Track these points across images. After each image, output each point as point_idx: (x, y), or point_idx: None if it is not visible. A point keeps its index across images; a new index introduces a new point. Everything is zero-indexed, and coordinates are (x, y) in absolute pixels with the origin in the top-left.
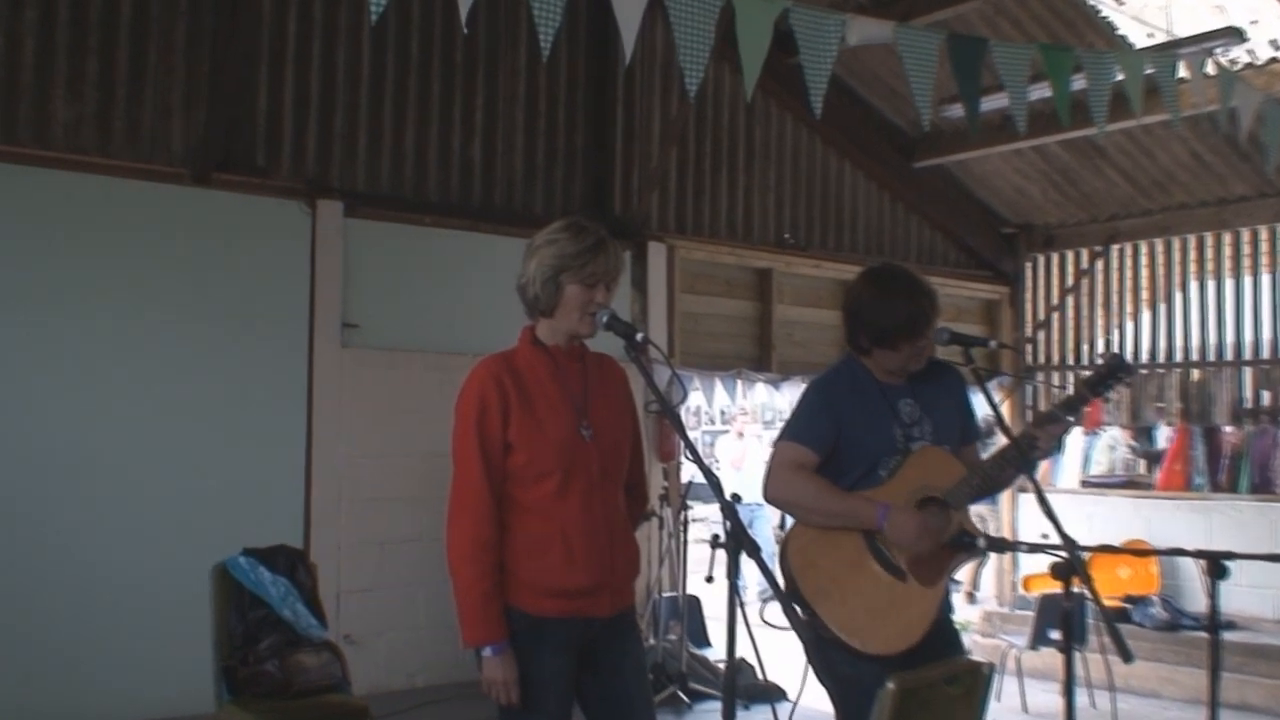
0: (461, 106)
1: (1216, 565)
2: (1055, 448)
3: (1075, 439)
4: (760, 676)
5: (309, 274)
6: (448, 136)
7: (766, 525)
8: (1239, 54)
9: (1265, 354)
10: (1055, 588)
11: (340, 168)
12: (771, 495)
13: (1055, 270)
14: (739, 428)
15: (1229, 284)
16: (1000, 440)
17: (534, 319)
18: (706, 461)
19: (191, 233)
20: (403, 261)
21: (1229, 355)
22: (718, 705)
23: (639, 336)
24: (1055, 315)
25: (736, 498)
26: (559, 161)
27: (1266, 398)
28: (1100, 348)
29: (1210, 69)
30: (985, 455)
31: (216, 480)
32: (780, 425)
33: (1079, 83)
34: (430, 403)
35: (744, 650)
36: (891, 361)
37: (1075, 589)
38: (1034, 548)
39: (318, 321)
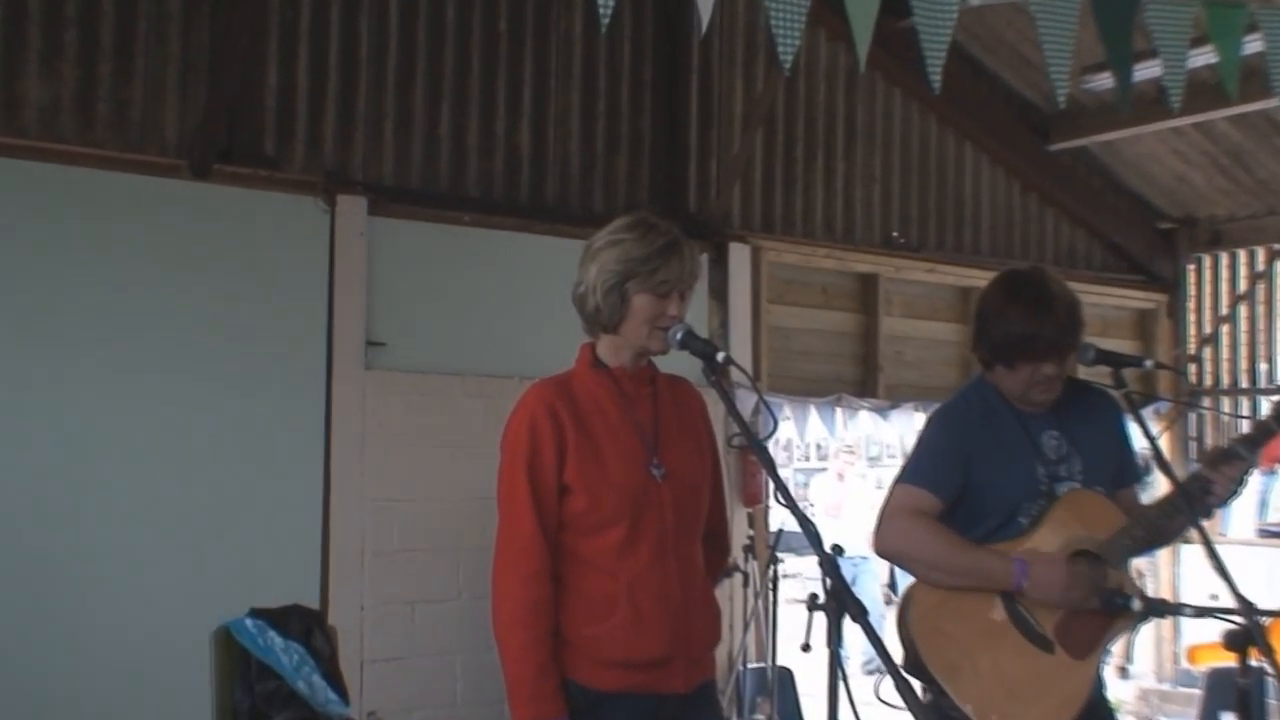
0: (507, 84)
1: None
2: (1233, 492)
3: (1251, 479)
4: None
5: (327, 283)
6: (490, 120)
7: (874, 583)
8: None
9: None
10: (1228, 660)
11: (364, 157)
12: (885, 547)
13: (1224, 274)
14: (838, 466)
15: None
16: (1159, 479)
17: (594, 335)
18: (801, 506)
19: (188, 235)
20: (438, 268)
21: None
22: None
23: (719, 356)
24: (1224, 328)
25: (838, 549)
26: (622, 148)
27: None
28: None
29: None
30: (1146, 499)
31: (218, 527)
32: (887, 461)
33: (1252, 45)
34: (471, 436)
35: None
36: (1011, 384)
37: (1253, 662)
38: (1201, 611)
39: (337, 339)
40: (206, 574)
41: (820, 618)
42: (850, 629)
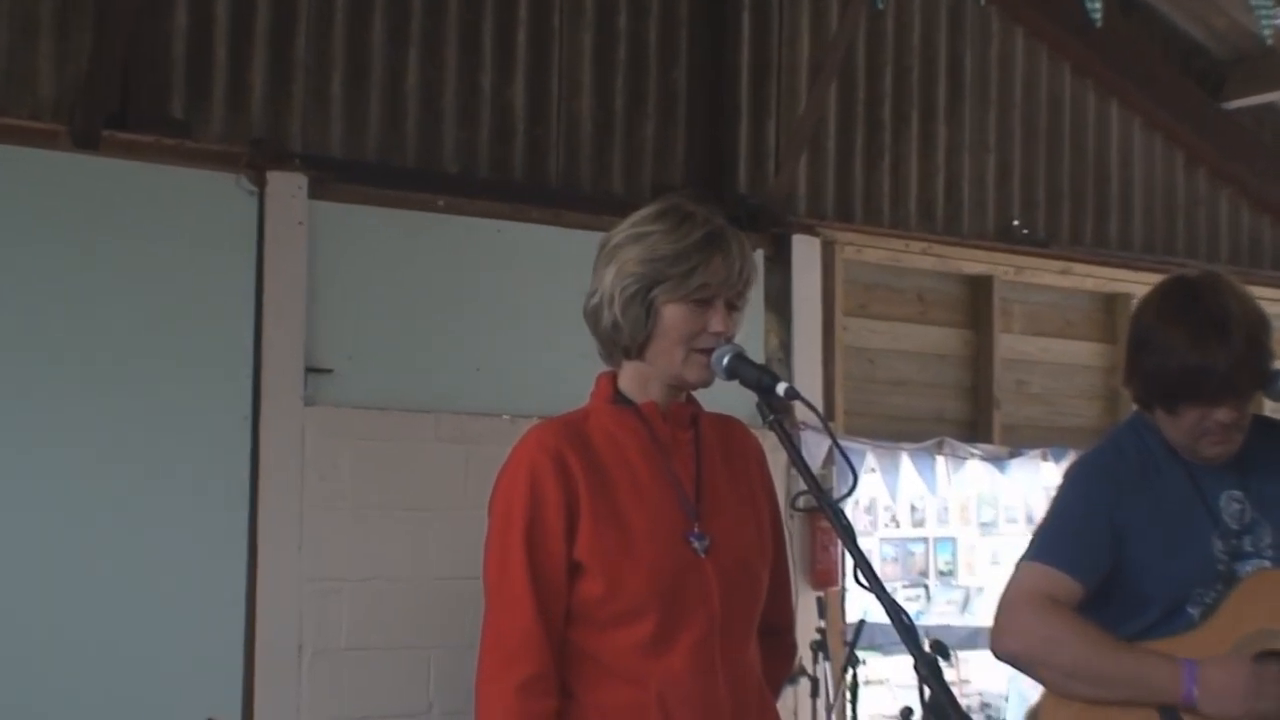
0: (495, 29)
1: None
2: None
3: None
4: None
5: (254, 289)
6: (473, 71)
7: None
8: None
9: None
10: None
11: (304, 121)
12: (1007, 647)
13: None
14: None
15: None
16: None
17: (614, 362)
18: (890, 588)
19: (67, 223)
20: (403, 269)
21: None
22: None
23: (781, 389)
24: None
25: (940, 649)
26: (649, 112)
27: None
28: None
29: None
30: None
31: (101, 622)
32: (1006, 528)
33: None
34: (448, 495)
35: None
36: (1175, 433)
37: None
38: None
39: (267, 364)
40: (86, 686)
41: None
42: None
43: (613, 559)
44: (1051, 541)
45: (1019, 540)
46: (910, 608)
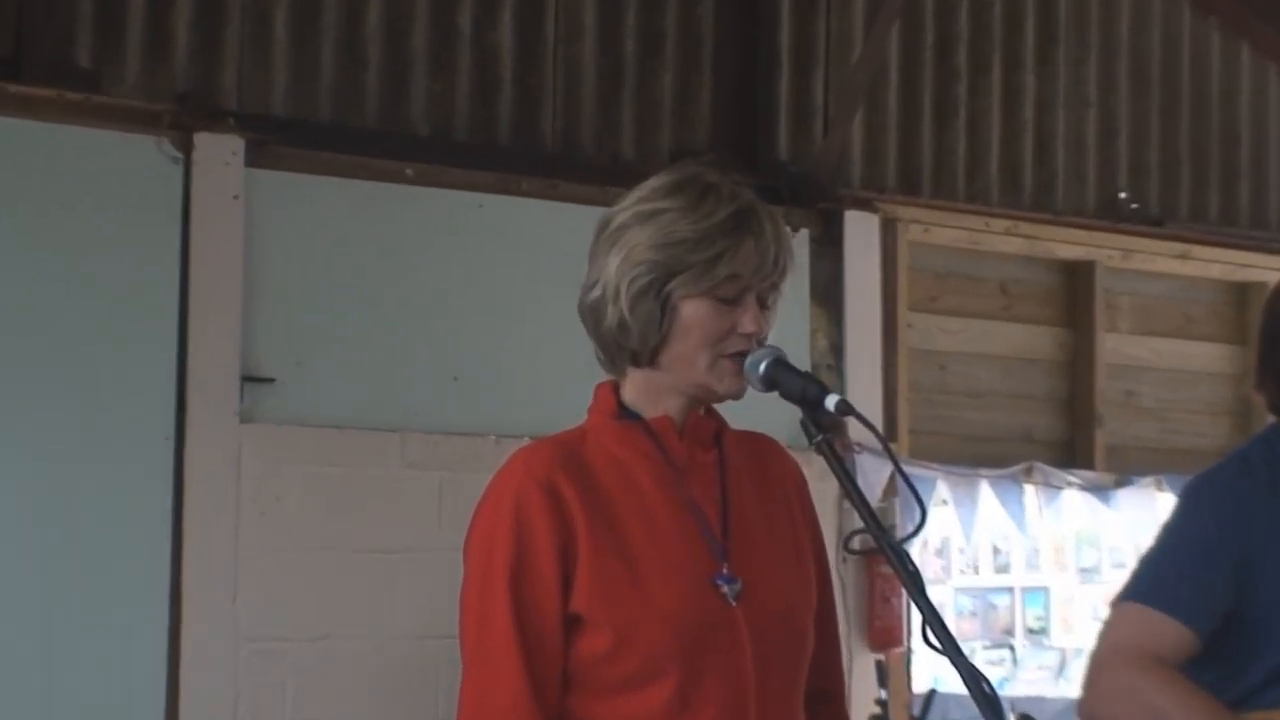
0: None
1: None
2: None
3: None
4: None
5: (178, 278)
6: (448, 16)
7: None
8: None
9: None
10: None
11: (240, 72)
12: (1097, 713)
13: None
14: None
15: None
16: None
17: (617, 370)
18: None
19: None
20: (362, 253)
21: None
22: None
23: (830, 401)
24: None
25: None
26: (667, 59)
27: None
28: None
29: None
30: None
31: None
32: (1111, 574)
33: None
34: (417, 532)
35: None
36: None
37: None
38: None
39: (194, 372)
40: None
41: None
42: None
43: (621, 608)
44: (1158, 578)
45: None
46: (992, 674)
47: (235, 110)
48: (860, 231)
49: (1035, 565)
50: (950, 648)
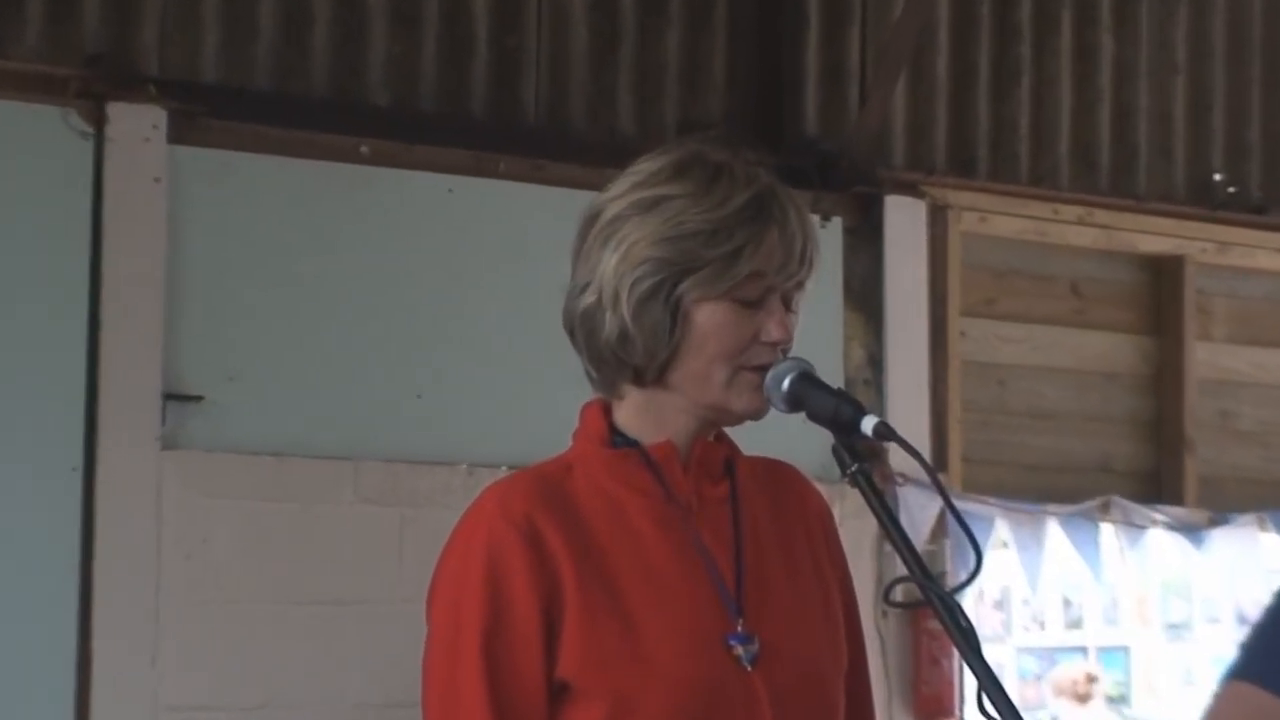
0: None
1: None
2: None
3: None
4: None
5: (87, 276)
6: None
7: None
8: None
9: None
10: None
11: (162, 32)
12: None
13: None
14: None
15: None
16: None
17: (610, 388)
18: None
19: None
20: (309, 247)
21: None
22: None
23: (867, 424)
24: None
25: None
26: (672, 15)
27: None
28: None
29: None
30: None
31: None
32: (1205, 631)
33: None
34: (373, 580)
35: None
36: None
37: None
38: None
39: (106, 389)
40: None
41: None
42: None
43: (617, 674)
44: (1272, 651)
45: (1223, 649)
46: None
47: (156, 76)
48: (904, 221)
49: (1113, 620)
50: (1011, 717)
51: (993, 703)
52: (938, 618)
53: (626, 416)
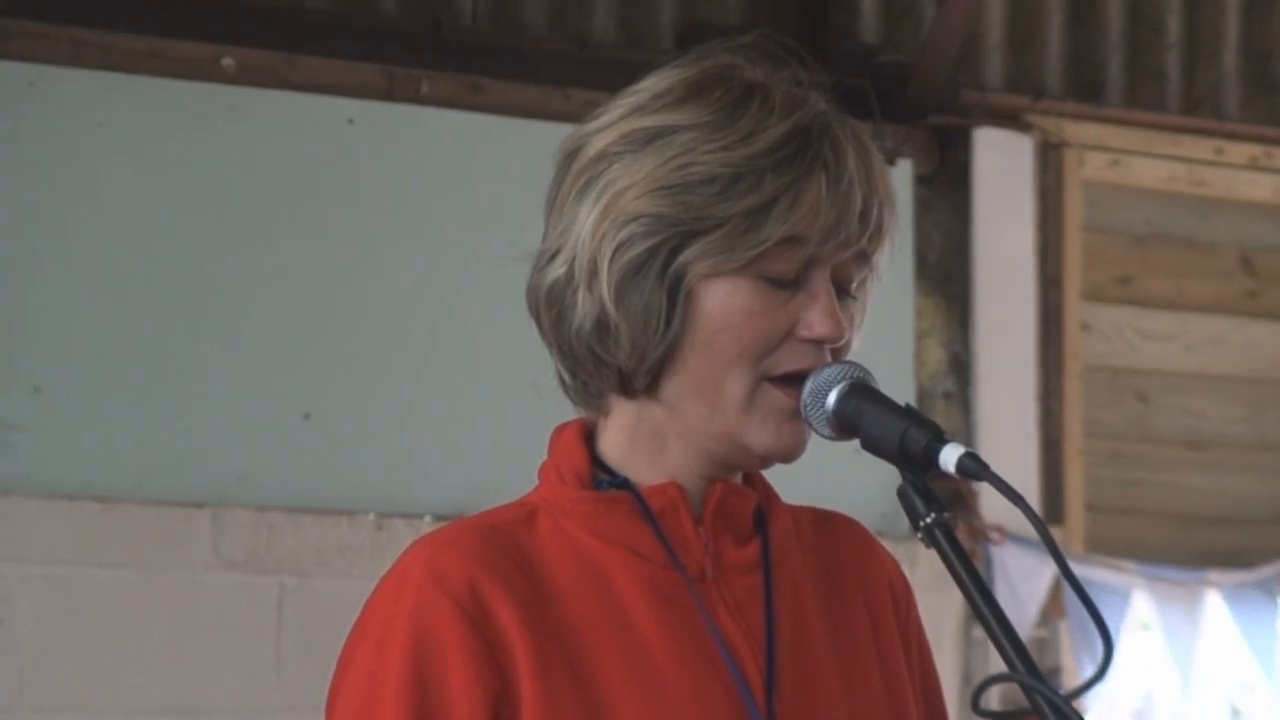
0: None
1: None
2: None
3: None
4: None
5: None
6: None
7: None
8: None
9: None
10: None
11: None
12: None
13: None
14: None
15: None
16: None
17: (589, 403)
18: None
19: None
20: (145, 200)
21: None
22: None
23: (950, 457)
24: None
25: None
26: None
27: None
28: None
29: None
30: None
31: None
32: None
33: None
34: (236, 679)
35: None
36: None
37: None
38: None
39: None
40: None
41: None
42: None
43: None
44: None
45: None
46: None
47: None
48: (1001, 165)
49: None
50: None
51: None
52: None
53: (614, 444)
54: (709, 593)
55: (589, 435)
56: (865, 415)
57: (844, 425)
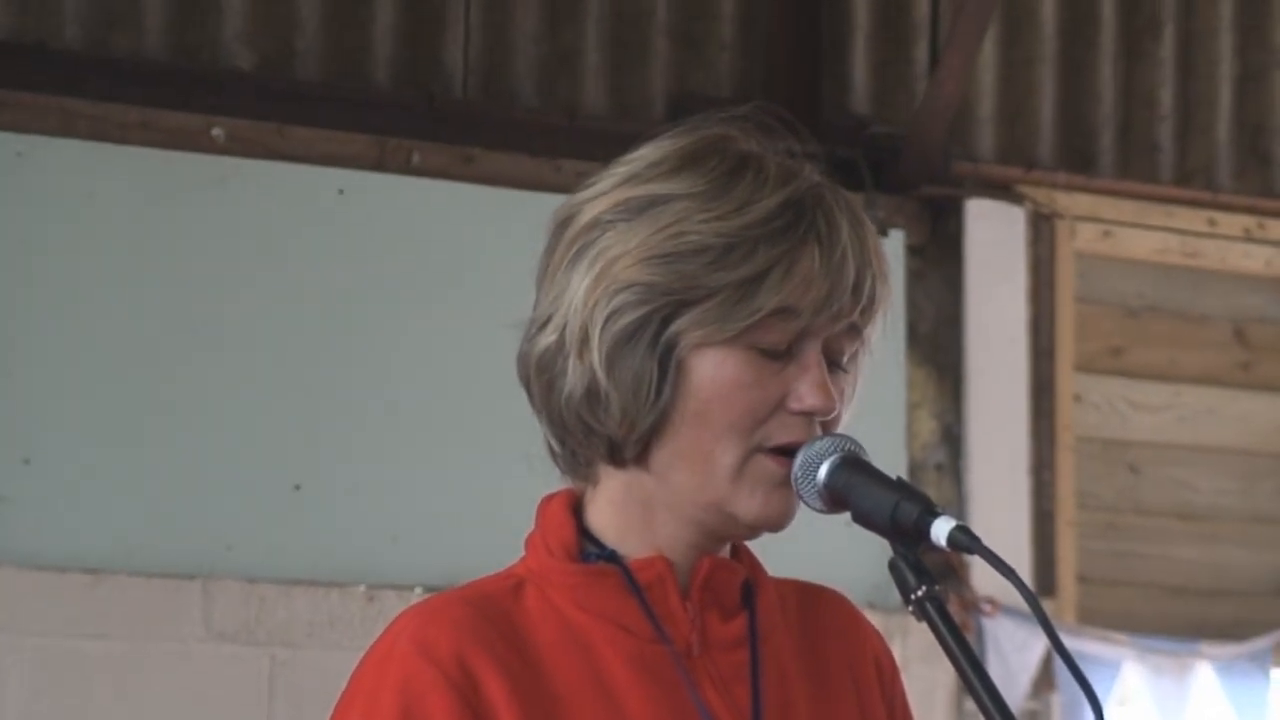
0: None
1: None
2: None
3: None
4: None
5: None
6: None
7: None
8: None
9: None
10: None
11: None
12: None
13: None
14: None
15: None
16: None
17: (578, 472)
18: None
19: None
20: (134, 271)
21: None
22: None
23: (941, 531)
24: None
25: None
26: None
27: None
28: None
29: None
30: None
31: None
32: None
33: None
34: None
35: None
36: None
37: None
38: None
39: None
40: None
41: None
42: None
43: None
44: None
45: None
46: None
47: None
48: (993, 235)
49: None
50: None
51: None
52: None
53: (602, 515)
54: (695, 668)
55: (576, 506)
56: (856, 489)
57: (835, 499)
